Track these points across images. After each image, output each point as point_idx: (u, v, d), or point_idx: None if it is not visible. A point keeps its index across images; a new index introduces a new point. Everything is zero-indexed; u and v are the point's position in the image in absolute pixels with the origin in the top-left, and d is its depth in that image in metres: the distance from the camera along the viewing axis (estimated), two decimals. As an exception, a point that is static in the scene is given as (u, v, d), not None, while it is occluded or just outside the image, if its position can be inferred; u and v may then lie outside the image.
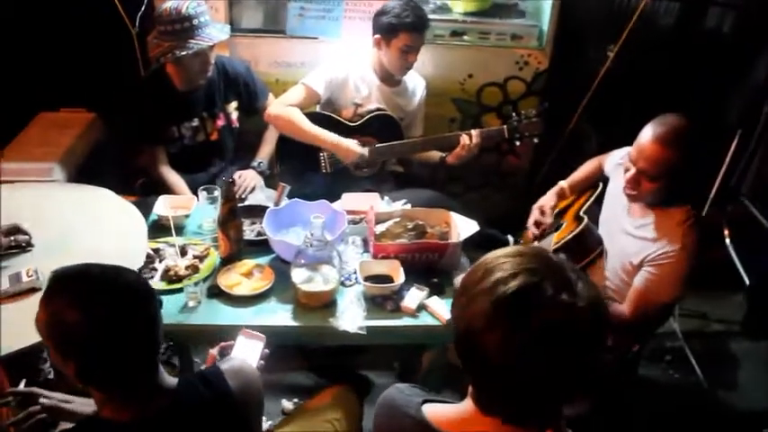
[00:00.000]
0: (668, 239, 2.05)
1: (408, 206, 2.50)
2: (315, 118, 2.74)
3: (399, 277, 2.13)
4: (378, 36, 2.72)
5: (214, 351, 1.77)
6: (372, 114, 2.79)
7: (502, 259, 1.06)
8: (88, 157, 3.21)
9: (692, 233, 2.03)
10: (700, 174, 2.24)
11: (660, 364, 3.06)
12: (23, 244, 2.13)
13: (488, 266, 1.07)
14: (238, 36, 3.00)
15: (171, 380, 1.41)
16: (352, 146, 2.68)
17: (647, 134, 1.99)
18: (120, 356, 1.29)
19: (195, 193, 2.72)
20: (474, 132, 2.72)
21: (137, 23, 2.94)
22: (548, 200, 2.54)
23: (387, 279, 2.16)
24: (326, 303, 2.08)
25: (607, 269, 2.29)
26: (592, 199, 2.45)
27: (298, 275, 2.06)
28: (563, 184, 2.56)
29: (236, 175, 2.87)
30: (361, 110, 2.81)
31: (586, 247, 2.37)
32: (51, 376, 2.24)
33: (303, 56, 3.00)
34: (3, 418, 1.81)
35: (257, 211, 2.41)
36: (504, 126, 2.76)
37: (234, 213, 2.18)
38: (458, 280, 2.49)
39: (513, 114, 2.76)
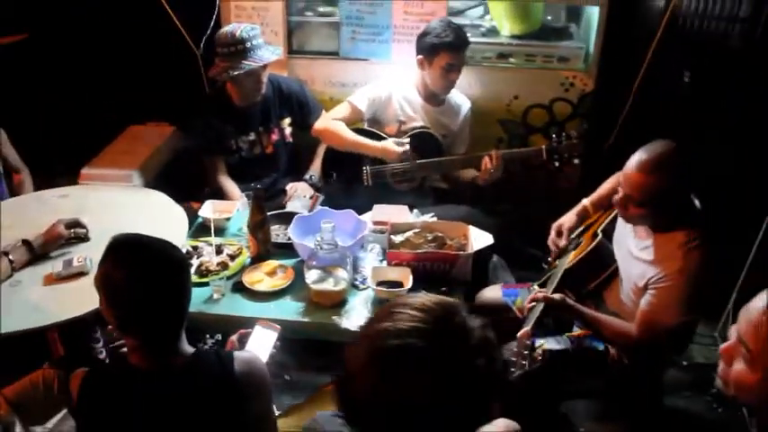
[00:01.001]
0: (667, 262, 2.05)
1: (434, 219, 2.62)
2: (359, 133, 2.93)
3: (408, 284, 2.25)
4: (420, 56, 2.87)
5: (234, 337, 1.98)
6: (414, 131, 2.94)
7: (402, 309, 1.10)
8: (165, 166, 3.55)
9: (692, 256, 2.01)
10: (713, 196, 2.19)
11: (705, 396, 2.97)
12: (81, 236, 2.45)
13: (389, 311, 1.12)
14: (296, 57, 3.26)
15: (190, 348, 1.65)
16: (391, 145, 2.84)
17: (632, 161, 2.03)
18: (152, 313, 1.57)
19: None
20: (494, 154, 2.81)
21: (201, 46, 3.26)
22: (566, 219, 2.56)
23: (398, 285, 2.28)
24: (337, 303, 2.23)
25: (621, 290, 2.31)
26: (611, 217, 2.46)
27: (310, 276, 2.24)
28: (585, 202, 2.57)
29: (289, 187, 3.09)
30: (404, 127, 2.97)
31: (599, 266, 2.39)
32: (103, 356, 2.54)
33: (355, 76, 3.19)
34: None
35: (291, 218, 2.61)
36: (543, 147, 2.83)
37: (262, 217, 2.40)
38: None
39: (554, 136, 2.82)
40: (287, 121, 3.11)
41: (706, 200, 2.15)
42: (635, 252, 2.19)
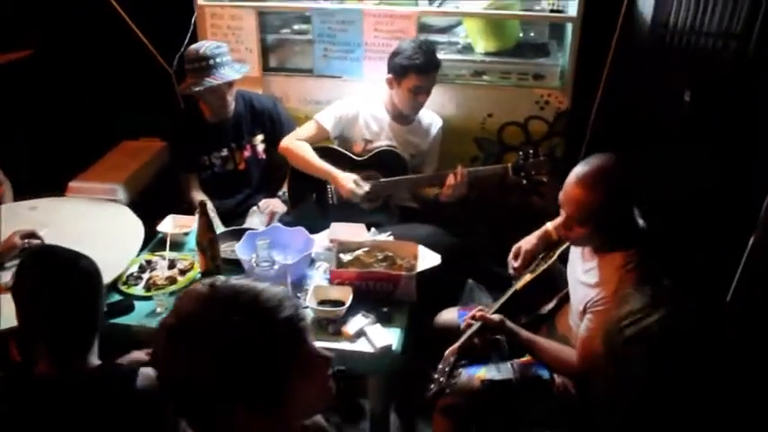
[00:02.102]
0: (605, 285, 1.98)
1: (390, 238, 2.59)
2: (325, 152, 2.93)
3: (346, 303, 2.23)
4: (390, 76, 2.86)
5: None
6: (378, 150, 2.92)
7: (187, 292, 1.14)
8: (152, 181, 3.61)
9: (628, 278, 1.94)
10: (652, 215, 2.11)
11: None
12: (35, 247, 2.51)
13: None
14: (271, 74, 3.29)
15: (97, 361, 1.70)
16: (347, 182, 2.81)
17: (571, 176, 1.97)
18: (53, 321, 1.65)
19: (222, 216, 3.01)
20: (459, 170, 2.77)
21: (174, 64, 3.32)
22: (525, 242, 2.49)
23: (340, 304, 2.27)
24: (275, 320, 2.23)
25: (570, 315, 2.24)
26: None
27: (249, 293, 2.24)
28: (548, 226, 2.49)
29: (262, 203, 3.10)
30: (370, 146, 2.96)
31: (551, 289, 2.34)
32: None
33: (329, 93, 3.19)
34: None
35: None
36: (509, 165, 2.78)
37: (210, 233, 2.41)
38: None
39: (520, 153, 2.77)
40: (259, 137, 3.13)
41: (684, 215, 2.08)
42: (580, 275, 2.13)
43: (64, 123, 4.02)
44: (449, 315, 2.57)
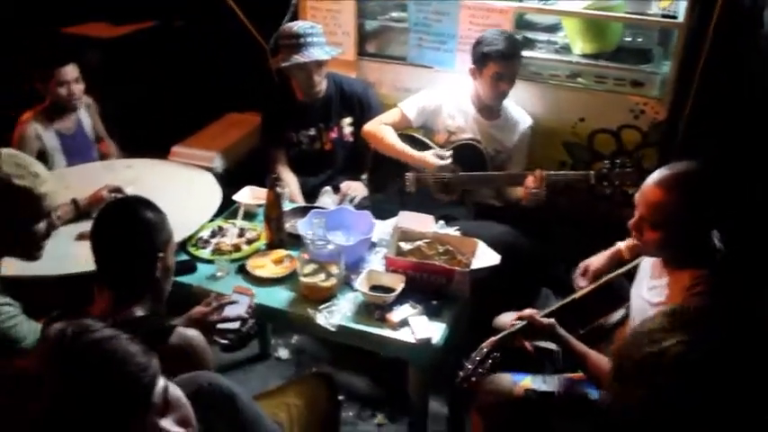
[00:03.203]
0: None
1: (456, 232, 2.56)
2: (407, 139, 2.94)
3: (396, 291, 2.23)
4: (473, 66, 2.83)
5: (212, 302, 2.08)
6: (460, 143, 2.89)
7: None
8: (249, 152, 3.76)
9: (692, 303, 1.82)
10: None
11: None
12: (119, 202, 2.69)
13: None
14: (366, 59, 3.32)
15: (140, 313, 1.78)
16: (430, 157, 2.83)
17: (651, 176, 1.85)
18: (103, 260, 1.77)
19: (305, 192, 3.10)
20: (538, 173, 2.69)
21: (270, 41, 3.44)
22: (595, 260, 2.37)
23: (391, 291, 2.27)
24: (324, 298, 2.26)
25: (628, 331, 2.13)
26: None
27: (304, 268, 2.29)
28: (621, 245, 2.36)
29: (344, 185, 3.15)
30: (453, 137, 2.94)
31: (610, 302, 2.23)
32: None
33: (420, 82, 3.18)
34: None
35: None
36: (591, 172, 2.67)
37: (277, 207, 2.48)
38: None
39: (605, 161, 2.66)
40: (347, 120, 3.18)
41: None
42: (644, 292, 2.01)
43: (176, 91, 4.26)
44: (507, 319, 2.52)
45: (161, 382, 1.10)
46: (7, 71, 3.80)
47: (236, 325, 2.05)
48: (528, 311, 2.11)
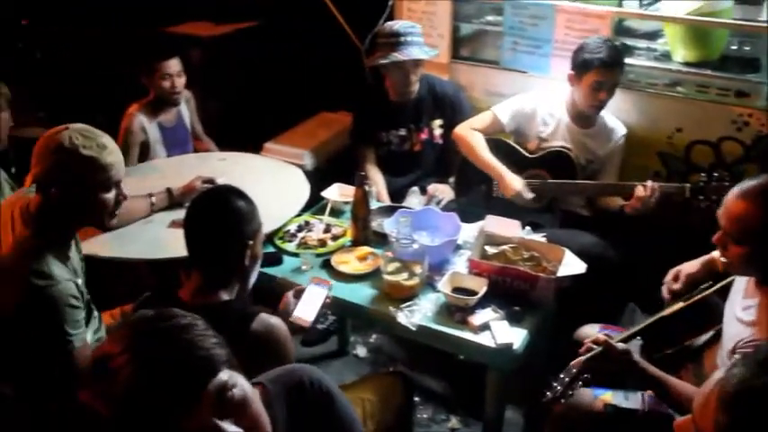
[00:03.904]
0: (760, 326, 1.78)
1: (543, 239, 2.52)
2: (496, 144, 2.92)
3: (479, 294, 2.21)
4: (572, 72, 2.78)
5: (290, 293, 2.14)
6: (551, 150, 2.85)
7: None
8: (339, 151, 3.82)
9: None
10: None
11: None
12: (212, 194, 2.78)
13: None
14: (459, 62, 3.31)
15: (225, 298, 1.84)
16: (514, 182, 2.78)
17: (735, 188, 1.78)
18: (193, 245, 1.84)
19: (392, 192, 3.12)
20: (650, 184, 2.61)
21: (366, 41, 3.46)
22: (687, 266, 2.30)
23: (472, 294, 2.26)
24: (406, 297, 2.27)
25: (719, 354, 2.04)
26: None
27: (388, 267, 2.30)
28: (715, 254, 2.28)
29: (431, 187, 3.15)
30: (544, 144, 2.89)
31: (700, 322, 2.14)
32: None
33: (513, 87, 3.14)
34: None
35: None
36: (687, 185, 2.58)
37: (364, 205, 2.51)
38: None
39: (702, 174, 2.57)
40: (438, 122, 3.18)
41: None
42: (738, 311, 1.92)
43: (272, 90, 4.38)
44: (590, 331, 2.43)
45: (224, 376, 1.06)
46: (115, 68, 4.02)
47: (312, 315, 2.06)
48: (603, 337, 2.02)
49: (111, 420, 1.02)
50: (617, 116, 2.92)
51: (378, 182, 3.16)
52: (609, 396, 2.06)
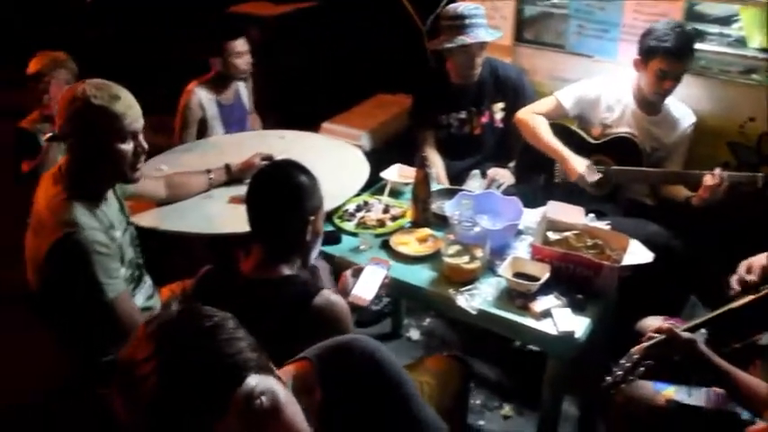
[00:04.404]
0: None
1: (607, 227, 2.46)
2: (560, 129, 2.85)
3: (541, 280, 2.17)
4: (638, 57, 2.70)
5: (348, 272, 2.14)
6: (616, 136, 2.78)
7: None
8: (397, 133, 3.80)
9: None
10: None
11: None
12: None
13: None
14: (522, 45, 3.25)
15: (288, 273, 1.84)
16: (579, 166, 2.71)
17: None
18: (255, 219, 1.84)
19: (450, 175, 3.09)
20: (718, 172, 2.53)
21: (428, 23, 3.41)
22: (759, 257, 2.22)
23: (534, 279, 2.22)
24: (467, 281, 2.24)
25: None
26: None
27: (448, 249, 2.28)
28: None
29: (491, 171, 3.11)
30: (608, 130, 2.82)
31: (759, 320, 2.06)
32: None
33: (578, 72, 3.07)
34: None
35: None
36: (759, 174, 2.49)
37: (425, 187, 2.49)
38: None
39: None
40: (499, 105, 3.14)
41: None
42: None
43: (330, 70, 4.37)
44: (653, 323, 2.38)
45: (252, 382, 1.01)
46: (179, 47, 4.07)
47: (371, 294, 2.06)
48: (667, 325, 1.98)
49: (134, 428, 1.00)
50: (686, 103, 2.83)
51: (437, 164, 3.13)
52: (671, 391, 2.02)
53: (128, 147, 1.95)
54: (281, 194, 1.83)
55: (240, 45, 3.27)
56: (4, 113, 3.17)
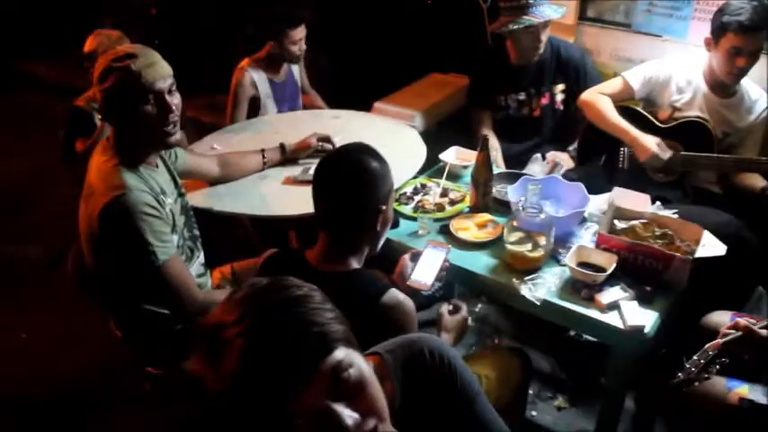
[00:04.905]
0: None
1: (674, 215, 2.36)
2: (626, 112, 2.74)
3: (608, 270, 2.09)
4: (709, 36, 2.57)
5: (406, 256, 2.07)
6: (686, 120, 2.65)
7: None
8: (451, 114, 3.71)
9: None
10: None
11: None
12: (327, 151, 2.71)
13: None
14: (585, 24, 3.13)
15: (356, 266, 1.78)
16: (650, 143, 2.60)
17: None
18: (324, 207, 1.76)
19: (507, 159, 3.00)
20: None
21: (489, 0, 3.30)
22: None
23: (600, 270, 2.12)
24: (530, 269, 2.16)
25: None
26: None
27: (510, 236, 2.20)
28: None
29: (550, 155, 3.02)
30: (677, 114, 2.70)
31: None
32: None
33: (645, 52, 2.95)
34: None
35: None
36: None
37: (487, 170, 2.40)
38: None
39: None
40: (560, 87, 3.03)
41: None
42: None
43: (384, 48, 4.27)
44: (720, 318, 2.29)
45: (339, 354, 0.99)
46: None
47: (431, 279, 1.98)
48: (744, 322, 1.90)
49: (218, 395, 0.98)
50: (761, 85, 2.69)
51: (494, 147, 3.04)
52: (745, 389, 1.93)
53: (149, 107, 1.89)
54: (353, 183, 1.72)
55: (299, 32, 3.21)
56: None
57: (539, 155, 2.94)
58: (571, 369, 2.81)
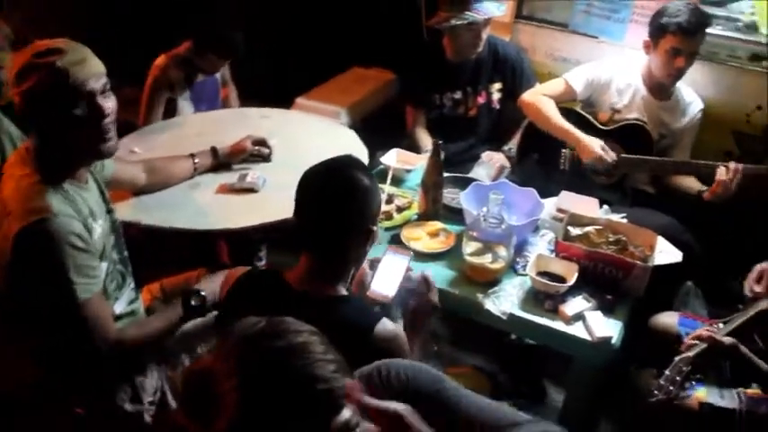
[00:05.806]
0: None
1: (624, 221, 2.35)
2: (567, 114, 2.71)
3: (571, 280, 2.04)
4: (647, 39, 2.59)
5: (364, 264, 1.87)
6: (626, 123, 2.66)
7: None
8: (375, 110, 3.58)
9: None
10: None
11: None
12: (264, 155, 2.52)
13: None
14: (522, 22, 3.08)
15: (344, 293, 1.62)
16: (594, 145, 2.59)
17: None
18: (308, 227, 1.58)
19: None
20: (733, 166, 2.43)
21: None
22: None
23: (560, 279, 2.08)
24: (490, 281, 2.09)
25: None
26: None
27: (469, 247, 2.11)
28: None
29: (485, 155, 2.95)
30: (617, 116, 2.70)
31: None
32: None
33: (581, 53, 2.94)
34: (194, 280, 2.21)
35: (468, 183, 2.47)
36: (769, 167, 2.43)
37: (437, 176, 2.30)
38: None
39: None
40: (497, 86, 2.97)
41: None
42: None
43: (302, 42, 4.06)
44: (668, 319, 2.32)
45: (347, 413, 0.91)
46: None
47: (393, 289, 1.80)
48: (706, 332, 1.92)
49: None
50: (693, 88, 2.73)
51: (425, 147, 2.93)
52: (703, 393, 1.94)
53: (78, 111, 1.62)
54: (345, 202, 1.55)
55: (222, 63, 3.04)
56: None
57: (483, 158, 2.87)
58: (516, 373, 2.76)
